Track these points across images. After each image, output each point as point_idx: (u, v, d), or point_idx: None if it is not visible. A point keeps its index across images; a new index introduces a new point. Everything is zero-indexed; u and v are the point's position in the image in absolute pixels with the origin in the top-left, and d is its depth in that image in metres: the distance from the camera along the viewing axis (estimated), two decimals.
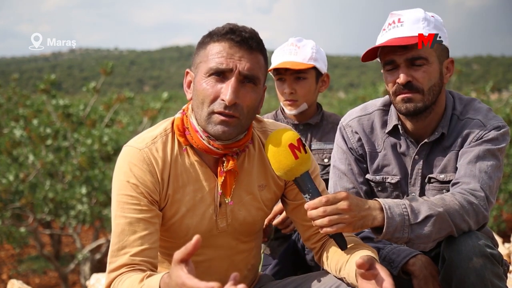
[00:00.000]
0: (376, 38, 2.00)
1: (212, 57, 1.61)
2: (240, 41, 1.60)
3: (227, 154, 1.68)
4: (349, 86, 32.02)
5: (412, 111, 1.93)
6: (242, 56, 1.60)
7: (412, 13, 1.93)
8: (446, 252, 1.77)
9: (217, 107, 1.59)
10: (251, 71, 1.60)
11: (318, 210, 1.58)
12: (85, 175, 6.65)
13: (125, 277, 1.54)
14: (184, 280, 1.24)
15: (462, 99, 2.05)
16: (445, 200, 1.76)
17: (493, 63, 64.35)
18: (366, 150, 2.10)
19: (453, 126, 2.00)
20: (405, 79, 1.89)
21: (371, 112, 2.13)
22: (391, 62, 1.92)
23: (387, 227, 1.66)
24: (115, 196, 1.65)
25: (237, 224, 1.75)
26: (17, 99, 9.20)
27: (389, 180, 2.07)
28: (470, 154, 1.90)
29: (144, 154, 1.65)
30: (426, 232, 1.70)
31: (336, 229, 1.59)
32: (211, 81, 1.60)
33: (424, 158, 2.02)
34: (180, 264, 1.26)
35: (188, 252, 1.24)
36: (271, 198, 1.81)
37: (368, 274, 1.50)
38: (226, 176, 1.69)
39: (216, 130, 1.60)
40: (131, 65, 75.95)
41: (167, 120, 1.76)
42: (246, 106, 1.61)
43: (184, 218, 1.70)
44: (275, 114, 2.73)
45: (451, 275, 1.76)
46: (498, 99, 12.42)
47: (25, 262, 9.71)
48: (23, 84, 26.84)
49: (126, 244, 1.58)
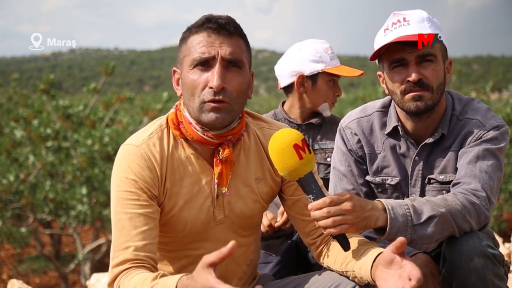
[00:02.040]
0: (374, 39, 2.01)
1: (193, 48, 1.64)
2: (217, 27, 1.63)
3: (222, 143, 1.70)
4: (349, 86, 32.02)
5: (423, 109, 1.92)
6: (222, 42, 1.63)
7: (416, 13, 1.94)
8: (448, 252, 1.77)
9: (207, 95, 1.62)
10: (233, 55, 1.63)
11: (322, 211, 1.58)
12: (85, 175, 6.65)
13: (133, 273, 1.54)
14: (213, 284, 1.25)
15: (461, 99, 2.05)
16: (447, 200, 1.76)
17: (493, 63, 64.36)
18: (366, 152, 2.10)
19: (452, 126, 2.00)
20: (417, 77, 1.88)
21: (371, 113, 2.13)
22: (400, 60, 1.91)
23: (390, 228, 1.66)
24: (114, 193, 1.66)
25: (234, 216, 1.76)
26: (17, 99, 9.20)
27: (389, 181, 2.07)
28: (470, 154, 1.90)
29: (141, 151, 1.67)
30: (429, 232, 1.70)
31: (339, 230, 1.59)
32: (197, 72, 1.63)
33: (424, 159, 2.02)
34: (209, 268, 1.26)
35: (221, 256, 1.25)
36: (268, 192, 1.82)
37: (398, 260, 1.45)
38: (222, 166, 1.70)
39: (210, 117, 1.63)
40: (131, 65, 75.96)
41: (161, 117, 1.79)
42: (234, 90, 1.64)
43: (182, 211, 1.71)
44: (274, 113, 2.73)
45: (452, 275, 1.76)
46: (498, 99, 12.42)
47: (25, 262, 9.70)
48: (23, 84, 26.83)
49: (128, 238, 1.59)
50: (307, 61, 2.60)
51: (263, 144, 1.81)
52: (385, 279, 1.47)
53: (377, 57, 1.99)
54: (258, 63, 73.12)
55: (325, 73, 2.60)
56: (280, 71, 2.70)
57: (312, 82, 2.61)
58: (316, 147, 2.65)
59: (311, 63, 2.59)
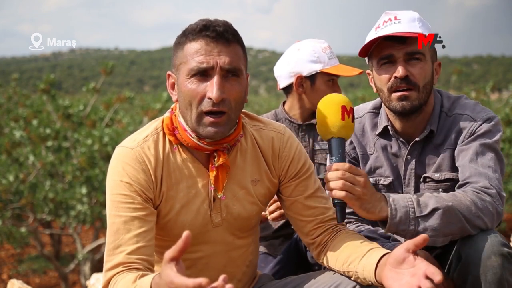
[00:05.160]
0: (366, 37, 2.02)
1: (190, 57, 1.61)
2: (216, 36, 1.60)
3: (218, 149, 1.70)
4: (349, 86, 32.04)
5: (408, 109, 1.93)
6: (220, 51, 1.60)
7: (407, 13, 1.97)
8: (463, 250, 1.76)
9: (205, 106, 1.60)
10: (232, 64, 1.61)
11: (337, 172, 1.65)
12: (85, 175, 6.65)
13: (120, 277, 1.54)
14: (172, 278, 1.24)
15: (450, 97, 2.07)
16: (456, 196, 1.77)
17: (493, 63, 64.41)
18: (358, 153, 2.12)
19: (442, 123, 2.01)
20: (404, 73, 1.90)
21: (362, 115, 2.14)
22: (388, 56, 1.93)
23: (391, 218, 1.68)
24: (109, 196, 1.66)
25: (232, 218, 1.76)
26: (17, 99, 9.20)
27: (382, 181, 2.08)
28: (468, 151, 1.90)
29: (136, 153, 1.67)
30: (433, 225, 1.71)
31: (345, 195, 1.63)
32: (195, 82, 1.61)
33: (417, 158, 2.03)
34: (170, 263, 1.26)
35: (178, 250, 1.25)
36: (265, 193, 1.82)
37: (410, 259, 1.44)
38: (218, 171, 1.70)
39: (208, 131, 1.62)
40: (131, 65, 75.97)
41: (157, 120, 1.78)
42: (233, 99, 1.63)
43: (179, 215, 1.71)
44: (274, 113, 2.73)
45: (467, 273, 1.75)
46: (498, 99, 12.40)
47: (25, 262, 9.70)
48: (23, 84, 26.82)
49: (122, 242, 1.59)
50: (305, 62, 2.60)
51: (260, 146, 1.81)
52: (396, 279, 1.45)
53: (367, 53, 2.01)
54: (258, 63, 73.08)
55: (323, 73, 2.60)
56: (278, 72, 2.70)
57: (311, 82, 2.61)
58: (316, 147, 2.64)
59: (309, 64, 2.59)
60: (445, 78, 15.00)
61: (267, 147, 1.81)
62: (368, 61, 2.05)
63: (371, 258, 1.58)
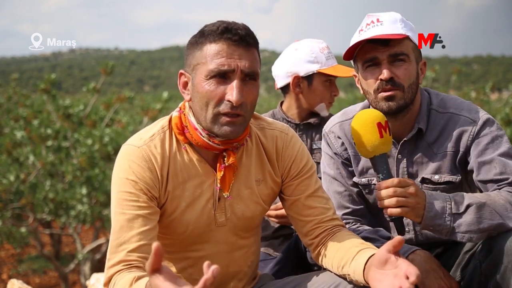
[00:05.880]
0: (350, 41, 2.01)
1: (210, 58, 1.60)
2: (238, 40, 1.60)
3: (227, 149, 1.70)
4: (349, 86, 32.04)
5: (395, 109, 1.94)
6: (241, 55, 1.61)
7: (390, 14, 1.98)
8: (496, 241, 1.75)
9: (223, 108, 1.61)
10: (251, 68, 1.62)
11: (388, 190, 1.67)
12: (85, 175, 6.65)
13: (119, 277, 1.55)
14: (160, 286, 1.24)
15: (439, 94, 2.08)
16: (490, 195, 1.79)
17: (493, 63, 64.42)
18: (350, 154, 2.12)
19: (432, 120, 2.01)
20: (389, 74, 1.90)
21: (351, 116, 2.14)
22: (372, 59, 1.94)
23: (427, 211, 1.71)
24: (114, 194, 1.66)
25: (235, 218, 1.77)
26: (17, 99, 9.20)
27: (374, 181, 2.08)
28: (492, 165, 1.88)
29: (142, 152, 1.67)
30: (468, 220, 1.73)
31: (401, 211, 1.66)
32: (213, 83, 1.61)
33: (408, 156, 2.03)
34: (155, 274, 1.25)
35: (154, 263, 1.23)
36: (269, 193, 1.82)
37: (392, 260, 1.44)
38: (225, 171, 1.70)
39: (224, 130, 1.62)
40: (131, 65, 75.99)
41: (164, 118, 1.78)
42: (250, 102, 1.65)
43: (184, 214, 1.71)
44: (272, 113, 2.73)
45: (499, 263, 1.73)
46: (498, 99, 12.40)
47: (25, 262, 9.70)
48: (23, 84, 26.83)
49: (125, 240, 1.59)
50: (302, 62, 2.60)
51: (264, 145, 1.81)
52: (379, 280, 1.45)
53: (351, 56, 2.02)
54: None
55: (320, 73, 2.60)
56: (276, 72, 2.70)
57: (308, 82, 2.61)
58: (314, 147, 2.65)
59: (306, 64, 2.59)
60: (445, 78, 15.01)
61: (271, 146, 1.82)
62: (353, 64, 2.06)
63: (360, 260, 1.58)
